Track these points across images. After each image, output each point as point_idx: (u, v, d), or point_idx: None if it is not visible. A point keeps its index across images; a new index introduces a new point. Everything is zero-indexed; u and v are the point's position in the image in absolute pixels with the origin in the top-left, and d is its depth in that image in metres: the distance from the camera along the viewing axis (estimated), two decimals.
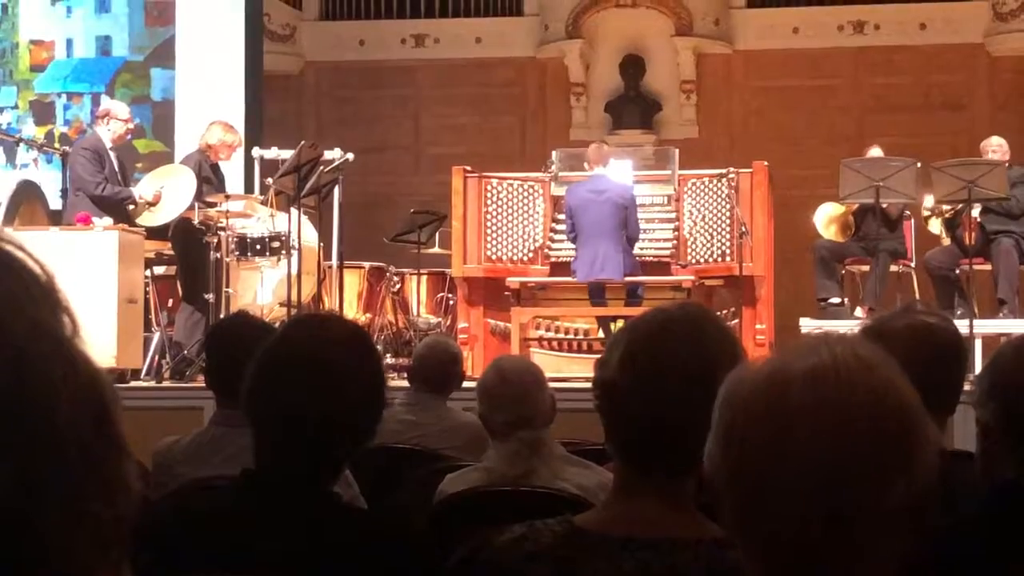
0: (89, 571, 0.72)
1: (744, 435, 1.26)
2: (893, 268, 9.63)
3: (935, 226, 9.71)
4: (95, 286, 7.82)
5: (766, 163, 9.40)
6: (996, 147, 9.52)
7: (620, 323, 8.40)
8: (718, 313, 5.09)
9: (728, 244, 9.20)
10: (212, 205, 8.65)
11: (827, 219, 9.88)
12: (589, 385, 1.97)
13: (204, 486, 2.69)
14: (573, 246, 9.13)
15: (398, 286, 10.28)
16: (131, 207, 8.96)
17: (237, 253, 8.75)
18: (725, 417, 1.29)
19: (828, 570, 1.24)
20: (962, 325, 2.99)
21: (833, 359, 1.27)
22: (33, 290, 0.74)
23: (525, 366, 4.13)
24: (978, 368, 6.71)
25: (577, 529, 1.81)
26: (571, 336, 9.57)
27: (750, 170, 9.26)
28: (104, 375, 0.76)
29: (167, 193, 8.94)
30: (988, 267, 9.29)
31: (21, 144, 11.25)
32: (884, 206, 9.39)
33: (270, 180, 8.82)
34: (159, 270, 9.41)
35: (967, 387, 2.84)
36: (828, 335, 1.32)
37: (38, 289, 0.74)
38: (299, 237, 8.66)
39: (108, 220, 8.49)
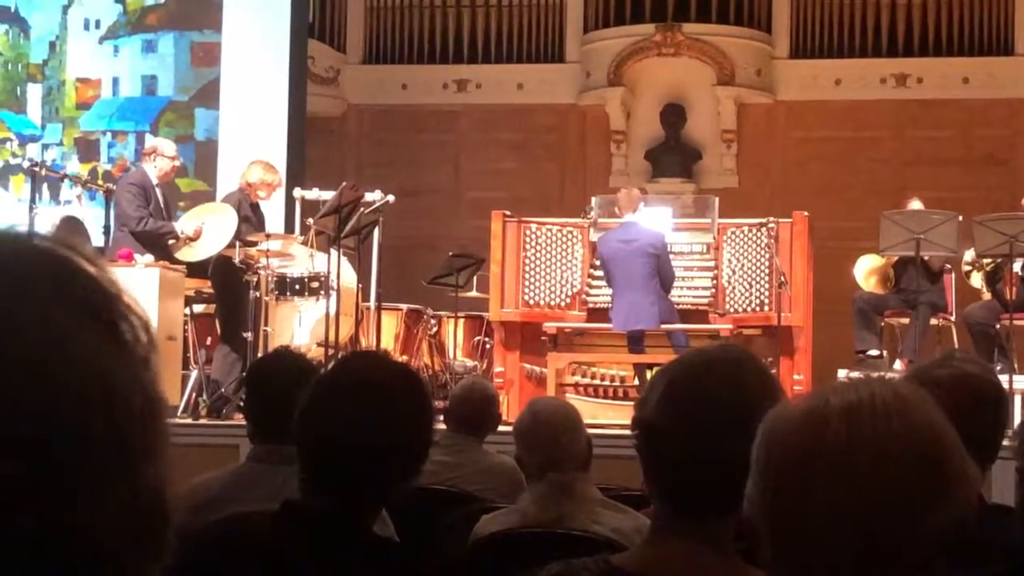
0: (115, 556, 0.72)
1: (780, 470, 1.27)
2: (933, 321, 9.57)
3: (976, 280, 9.66)
4: None
5: (806, 213, 9.38)
6: None
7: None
8: None
9: (767, 294, 9.18)
10: (252, 244, 8.70)
11: (867, 271, 9.85)
12: (625, 432, 1.97)
13: (243, 518, 2.69)
14: (610, 292, 9.12)
15: (435, 329, 10.29)
16: (172, 242, 9.02)
17: (276, 292, 8.79)
18: (763, 453, 1.29)
19: None
20: (1002, 380, 2.97)
21: (871, 396, 1.27)
22: (93, 296, 0.74)
23: (560, 408, 4.10)
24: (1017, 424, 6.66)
25: (614, 568, 1.80)
26: (607, 383, 9.53)
27: (790, 220, 9.24)
28: (139, 378, 0.75)
29: (208, 229, 8.98)
30: None
31: (65, 180, 11.37)
32: (926, 259, 9.35)
33: (311, 220, 8.88)
34: (198, 308, 9.46)
35: (1006, 442, 2.82)
36: (871, 375, 1.32)
37: (98, 295, 0.75)
38: (338, 278, 8.69)
39: (150, 257, 8.54)
